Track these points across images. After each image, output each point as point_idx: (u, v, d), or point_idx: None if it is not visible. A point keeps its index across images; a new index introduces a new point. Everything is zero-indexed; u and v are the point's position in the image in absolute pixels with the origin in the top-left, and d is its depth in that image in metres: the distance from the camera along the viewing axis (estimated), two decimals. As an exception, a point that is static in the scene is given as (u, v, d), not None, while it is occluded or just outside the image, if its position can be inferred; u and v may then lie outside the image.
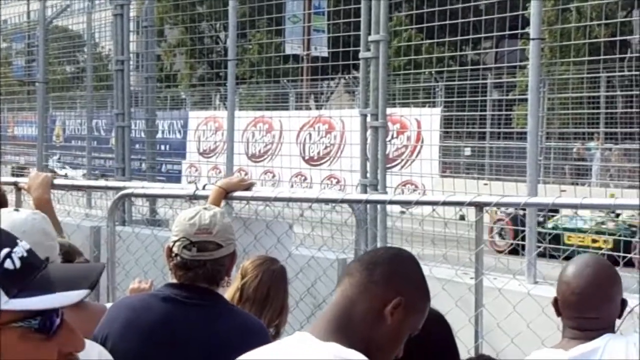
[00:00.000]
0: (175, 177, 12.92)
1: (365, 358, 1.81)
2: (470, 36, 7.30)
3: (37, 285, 1.31)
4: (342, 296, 1.97)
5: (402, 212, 7.91)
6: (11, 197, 4.97)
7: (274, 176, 11.76)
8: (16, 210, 2.69)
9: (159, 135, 12.22)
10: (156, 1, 10.67)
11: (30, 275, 1.32)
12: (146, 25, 9.07)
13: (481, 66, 18.12)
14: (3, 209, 3.00)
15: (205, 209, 2.95)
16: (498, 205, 4.00)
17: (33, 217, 2.61)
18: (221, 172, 10.75)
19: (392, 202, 5.44)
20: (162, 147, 13.46)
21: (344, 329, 1.90)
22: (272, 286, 3.54)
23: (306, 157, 13.19)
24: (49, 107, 12.54)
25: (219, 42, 22.99)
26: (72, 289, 1.32)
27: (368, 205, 5.84)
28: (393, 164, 9.38)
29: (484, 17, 7.97)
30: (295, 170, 11.76)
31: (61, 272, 1.40)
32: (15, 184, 5.34)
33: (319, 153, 13.42)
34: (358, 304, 1.93)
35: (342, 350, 1.83)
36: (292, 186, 10.97)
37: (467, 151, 18.16)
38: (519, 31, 7.79)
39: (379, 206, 6.28)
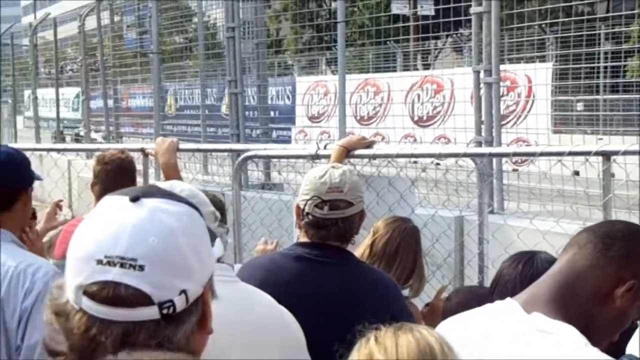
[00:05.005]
0: (286, 143, 13.03)
1: (572, 327, 1.73)
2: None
3: None
4: (567, 267, 1.86)
5: (515, 170, 7.83)
6: (138, 165, 5.14)
7: (383, 138, 11.73)
8: None
9: (268, 101, 12.37)
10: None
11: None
12: (254, -8, 9.18)
13: (597, 15, 17.50)
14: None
15: (333, 167, 2.95)
16: (626, 153, 3.92)
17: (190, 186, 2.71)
18: (330, 137, 10.82)
19: (516, 154, 5.35)
20: (272, 113, 13.62)
21: (564, 301, 1.81)
22: (401, 243, 3.55)
23: (415, 118, 13.09)
24: (162, 78, 12.85)
25: (323, 5, 22.99)
26: None
27: (485, 161, 5.80)
28: (504, 121, 9.22)
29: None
30: (405, 132, 11.71)
31: None
32: (142, 150, 5.52)
33: (428, 113, 13.29)
34: (587, 278, 1.82)
35: (546, 322, 1.75)
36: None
37: (580, 106, 17.62)
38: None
39: (494, 162, 6.24)
